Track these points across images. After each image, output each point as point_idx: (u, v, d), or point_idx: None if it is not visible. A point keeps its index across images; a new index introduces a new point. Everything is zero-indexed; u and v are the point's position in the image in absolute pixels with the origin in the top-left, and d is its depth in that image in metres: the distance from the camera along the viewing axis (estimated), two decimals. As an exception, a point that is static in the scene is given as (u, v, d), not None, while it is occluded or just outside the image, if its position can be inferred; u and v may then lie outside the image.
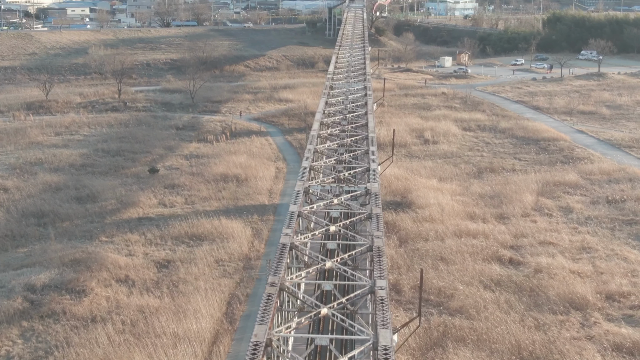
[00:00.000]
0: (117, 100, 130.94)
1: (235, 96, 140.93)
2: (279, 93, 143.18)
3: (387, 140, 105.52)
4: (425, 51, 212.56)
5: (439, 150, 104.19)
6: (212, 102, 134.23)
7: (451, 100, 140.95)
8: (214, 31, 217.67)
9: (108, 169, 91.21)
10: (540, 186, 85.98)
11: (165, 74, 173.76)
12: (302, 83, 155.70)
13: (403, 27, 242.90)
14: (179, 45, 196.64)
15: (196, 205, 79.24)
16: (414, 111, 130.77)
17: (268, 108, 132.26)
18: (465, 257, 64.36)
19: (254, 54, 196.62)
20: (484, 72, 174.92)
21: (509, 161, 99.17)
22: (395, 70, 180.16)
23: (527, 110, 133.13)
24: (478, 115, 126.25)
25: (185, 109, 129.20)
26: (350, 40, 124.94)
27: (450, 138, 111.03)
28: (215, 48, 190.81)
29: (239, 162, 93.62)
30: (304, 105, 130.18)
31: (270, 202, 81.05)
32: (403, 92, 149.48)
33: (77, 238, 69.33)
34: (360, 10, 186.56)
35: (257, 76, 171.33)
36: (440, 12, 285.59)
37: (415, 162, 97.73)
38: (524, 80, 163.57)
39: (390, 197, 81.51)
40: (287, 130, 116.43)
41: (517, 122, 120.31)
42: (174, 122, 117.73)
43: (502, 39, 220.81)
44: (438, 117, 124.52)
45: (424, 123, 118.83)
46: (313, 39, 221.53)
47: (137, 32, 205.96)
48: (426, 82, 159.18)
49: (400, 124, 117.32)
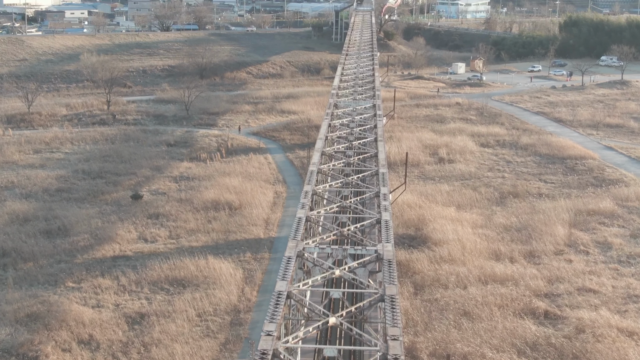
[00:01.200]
0: (105, 113, 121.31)
1: (234, 107, 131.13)
2: (282, 104, 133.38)
3: (399, 159, 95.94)
4: (436, 56, 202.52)
5: (456, 170, 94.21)
6: (209, 114, 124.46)
7: (466, 111, 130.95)
8: (215, 35, 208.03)
9: (86, 195, 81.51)
10: (572, 216, 76.01)
11: (162, 81, 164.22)
12: (306, 92, 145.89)
13: (413, 30, 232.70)
14: (178, 50, 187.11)
15: (181, 239, 69.51)
16: (426, 124, 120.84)
17: (269, 121, 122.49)
18: (493, 310, 54.42)
19: (256, 60, 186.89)
20: (500, 80, 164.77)
21: (534, 184, 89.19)
22: (405, 78, 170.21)
23: (549, 123, 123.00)
24: (496, 129, 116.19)
25: (179, 122, 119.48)
26: (358, 48, 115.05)
27: (467, 156, 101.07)
28: (216, 53, 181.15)
29: (233, 185, 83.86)
30: (307, 118, 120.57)
31: (267, 236, 71.28)
32: (414, 102, 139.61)
33: (40, 283, 59.70)
34: (368, 13, 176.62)
35: (259, 84, 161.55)
36: (451, 15, 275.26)
37: (429, 185, 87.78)
38: (543, 89, 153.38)
39: (403, 230, 71.65)
40: (288, 146, 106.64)
41: (539, 137, 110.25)
42: (165, 138, 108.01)
43: (517, 44, 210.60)
44: (453, 131, 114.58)
45: (437, 138, 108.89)
46: (319, 44, 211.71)
47: (135, 36, 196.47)
48: (439, 91, 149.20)
49: (412, 140, 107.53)
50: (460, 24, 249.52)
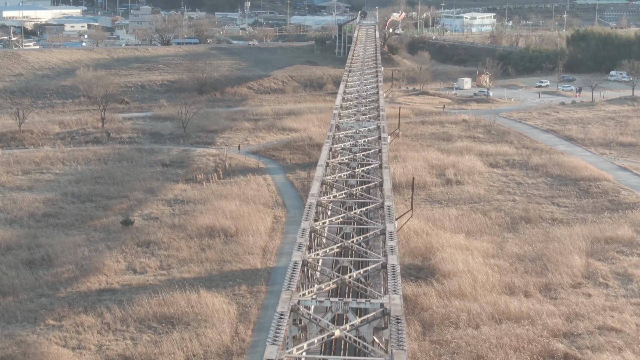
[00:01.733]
0: (99, 131, 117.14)
1: (234, 124, 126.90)
2: (282, 121, 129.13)
3: (404, 181, 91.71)
4: (441, 70, 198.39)
5: (464, 193, 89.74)
6: (207, 131, 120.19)
7: (473, 129, 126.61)
8: (216, 49, 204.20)
9: (74, 220, 77.15)
10: (589, 244, 71.51)
11: (161, 97, 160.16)
12: (308, 109, 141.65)
13: (417, 44, 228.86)
14: (177, 65, 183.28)
15: (172, 270, 65.09)
16: (432, 142, 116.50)
17: (269, 139, 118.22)
18: (509, 354, 49.93)
19: (258, 75, 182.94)
20: (507, 95, 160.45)
21: (547, 208, 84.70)
22: (410, 93, 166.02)
23: (560, 142, 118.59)
24: (505, 148, 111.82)
25: (176, 140, 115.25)
26: (361, 64, 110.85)
27: (476, 177, 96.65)
28: (217, 68, 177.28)
29: (229, 209, 79.47)
30: (309, 136, 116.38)
31: (264, 266, 66.85)
32: (419, 119, 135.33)
33: (18, 321, 55.30)
34: (372, 27, 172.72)
35: (259, 100, 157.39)
36: (456, 29, 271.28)
37: (437, 209, 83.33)
38: (552, 105, 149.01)
39: (410, 260, 67.20)
40: (288, 166, 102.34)
41: (550, 157, 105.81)
42: (160, 157, 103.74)
43: (524, 58, 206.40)
44: (460, 150, 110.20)
45: (444, 158, 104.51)
46: (322, 58, 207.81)
47: (134, 50, 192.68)
48: (444, 108, 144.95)
49: (418, 159, 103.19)
50: (466, 38, 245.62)
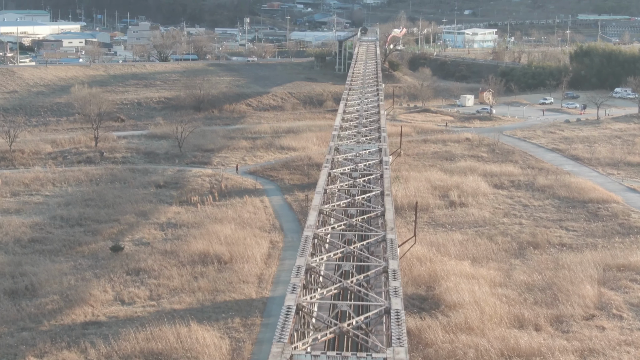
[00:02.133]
0: (92, 150, 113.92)
1: (231, 143, 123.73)
2: (281, 139, 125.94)
3: (406, 203, 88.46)
4: (443, 87, 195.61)
5: (468, 215, 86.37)
6: (203, 151, 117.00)
7: (477, 148, 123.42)
8: (215, 66, 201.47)
9: (61, 246, 73.79)
10: (601, 272, 68.10)
11: (157, 114, 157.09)
12: (307, 127, 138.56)
13: (419, 61, 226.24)
14: (175, 81, 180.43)
15: (162, 300, 61.68)
16: (435, 162, 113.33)
17: (267, 158, 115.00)
18: (520, 396, 46.48)
19: (257, 91, 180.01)
20: (510, 113, 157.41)
21: (555, 232, 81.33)
22: (411, 111, 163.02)
23: (566, 161, 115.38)
24: (510, 168, 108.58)
25: (171, 159, 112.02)
26: (362, 82, 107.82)
27: (480, 199, 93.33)
28: (215, 85, 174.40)
29: (224, 234, 76.12)
30: (308, 155, 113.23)
31: (259, 296, 63.45)
32: (421, 137, 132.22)
33: (-5, 358, 51.90)
34: (372, 44, 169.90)
35: (258, 117, 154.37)
36: (457, 45, 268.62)
37: (440, 233, 79.98)
38: (557, 123, 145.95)
39: (413, 289, 63.83)
40: (287, 187, 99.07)
41: (557, 178, 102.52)
42: (154, 178, 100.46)
43: (527, 74, 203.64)
44: (464, 170, 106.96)
45: (447, 178, 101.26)
46: (322, 74, 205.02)
47: (131, 67, 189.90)
48: (447, 125, 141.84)
49: (420, 180, 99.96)
50: (467, 54, 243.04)
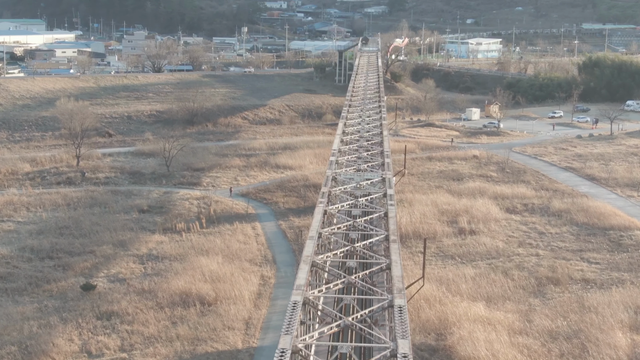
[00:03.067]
0: (74, 170, 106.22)
1: (223, 161, 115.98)
2: (277, 157, 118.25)
3: (411, 230, 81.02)
4: (447, 99, 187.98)
5: (480, 245, 78.60)
6: (193, 170, 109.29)
7: (485, 166, 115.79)
8: (210, 77, 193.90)
9: (27, 284, 66.06)
10: (632, 315, 60.46)
11: (149, 128, 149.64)
12: (305, 142, 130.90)
13: (421, 71, 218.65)
14: (168, 93, 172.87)
15: (135, 352, 53.90)
16: (441, 182, 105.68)
17: (261, 178, 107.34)
18: None
19: (253, 104, 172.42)
20: (519, 128, 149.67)
21: (576, 265, 73.59)
22: (414, 125, 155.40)
23: (581, 182, 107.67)
24: (522, 190, 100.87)
25: (158, 180, 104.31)
26: (363, 97, 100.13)
27: (492, 225, 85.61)
28: (209, 97, 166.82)
29: (209, 269, 68.42)
30: (305, 176, 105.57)
31: (246, 345, 55.73)
32: (426, 154, 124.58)
33: None
34: (374, 54, 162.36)
35: (253, 132, 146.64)
36: (461, 55, 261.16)
37: (450, 267, 72.25)
38: (568, 139, 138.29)
39: (421, 337, 56.12)
40: (281, 212, 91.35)
41: (573, 201, 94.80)
42: (138, 202, 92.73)
43: (534, 86, 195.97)
44: (472, 191, 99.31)
45: (455, 201, 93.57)
46: (321, 86, 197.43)
47: (122, 78, 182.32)
48: (453, 141, 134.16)
49: (426, 203, 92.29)
50: (472, 65, 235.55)
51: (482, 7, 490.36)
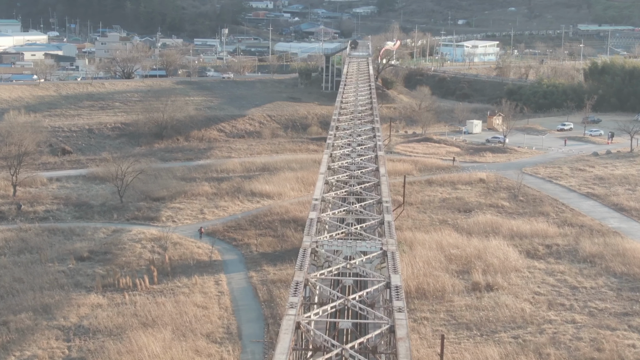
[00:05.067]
0: (9, 201, 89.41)
1: (190, 187, 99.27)
2: (253, 182, 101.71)
3: (413, 286, 65.27)
4: (444, 108, 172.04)
5: (501, 308, 62.36)
6: (152, 199, 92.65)
7: (494, 192, 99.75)
8: (184, 83, 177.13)
9: None
10: None
11: (111, 144, 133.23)
12: (286, 162, 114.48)
13: (415, 77, 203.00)
14: (137, 102, 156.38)
15: None
16: (445, 215, 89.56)
17: (233, 210, 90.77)
18: None
19: (231, 114, 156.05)
20: (527, 143, 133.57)
21: (626, 337, 57.57)
22: (410, 139, 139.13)
23: (608, 213, 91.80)
24: (542, 225, 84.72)
25: (108, 213, 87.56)
26: (352, 116, 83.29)
27: (512, 277, 69.47)
28: (182, 107, 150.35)
29: (152, 351, 51.97)
30: (284, 208, 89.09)
31: None
32: (425, 176, 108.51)
33: None
34: (364, 60, 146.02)
35: (228, 149, 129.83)
36: (457, 59, 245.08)
37: (466, 342, 56.01)
38: (584, 157, 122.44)
39: None
40: (253, 258, 74.82)
41: (605, 242, 78.78)
42: (78, 245, 75.95)
43: (537, 94, 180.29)
44: (484, 228, 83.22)
45: (465, 243, 77.40)
46: (307, 93, 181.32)
47: (87, 85, 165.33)
48: (454, 160, 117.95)
49: (430, 245, 76.17)
50: (469, 70, 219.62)
51: (474, 7, 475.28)
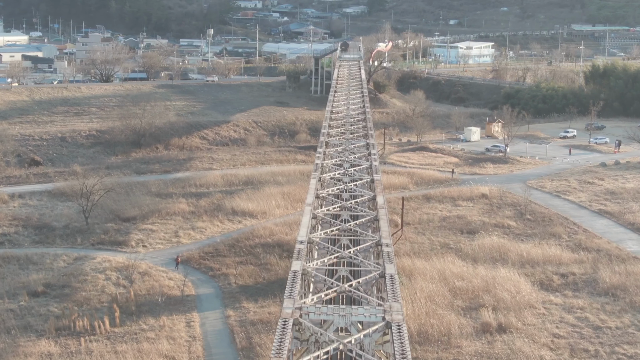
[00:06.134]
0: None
1: (165, 205, 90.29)
2: (234, 198, 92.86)
3: (415, 328, 56.60)
4: (439, 113, 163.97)
5: (517, 356, 53.75)
6: (122, 220, 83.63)
7: (499, 210, 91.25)
8: (166, 87, 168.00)
9: None
10: None
11: (85, 153, 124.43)
12: (272, 175, 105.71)
13: (408, 80, 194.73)
14: (114, 108, 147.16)
15: None
16: (446, 237, 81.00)
17: (211, 231, 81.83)
18: None
19: (215, 120, 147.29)
20: (529, 152, 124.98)
21: (665, 395, 49.15)
22: (404, 148, 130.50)
23: (625, 234, 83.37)
24: (554, 250, 76.20)
25: (72, 237, 78.48)
26: (343, 127, 74.60)
27: (527, 316, 60.85)
28: (163, 112, 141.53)
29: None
30: (269, 230, 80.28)
31: None
32: (422, 191, 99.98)
33: None
34: (356, 64, 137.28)
35: (210, 159, 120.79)
36: (451, 60, 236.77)
37: (478, 404, 47.39)
38: (591, 168, 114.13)
39: None
40: (231, 292, 65.91)
41: (627, 270, 70.32)
42: (34, 277, 66.92)
43: (536, 98, 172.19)
44: (490, 253, 74.70)
45: (470, 272, 68.80)
46: (295, 97, 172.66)
47: (62, 90, 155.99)
48: (453, 173, 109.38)
49: (432, 276, 67.61)
50: (464, 72, 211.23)
51: (465, 7, 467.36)
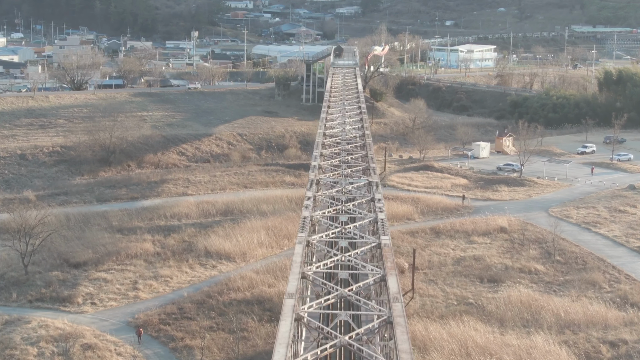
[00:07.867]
0: None
1: (126, 244, 75.78)
2: (209, 234, 78.49)
3: None
4: (441, 124, 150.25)
5: None
6: (70, 266, 69.12)
7: (522, 248, 77.20)
8: (143, 96, 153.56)
9: None
10: None
11: (47, 173, 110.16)
12: (256, 203, 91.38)
13: (406, 86, 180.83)
14: (84, 119, 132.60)
15: None
16: (463, 286, 66.93)
17: (177, 281, 67.44)
18: None
19: (195, 134, 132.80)
20: (547, 172, 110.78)
21: None
22: (406, 167, 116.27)
23: (676, 281, 69.51)
24: (596, 308, 62.08)
25: (6, 291, 63.84)
26: (337, 157, 60.42)
27: (576, 409, 46.89)
28: (137, 124, 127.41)
29: None
30: (249, 279, 65.89)
31: None
32: (429, 222, 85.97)
33: None
34: (351, 71, 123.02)
35: (185, 182, 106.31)
36: (451, 64, 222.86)
37: None
38: (619, 192, 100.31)
39: None
40: (196, 374, 51.82)
41: (692, 336, 56.51)
42: (-58, 354, 52.79)
43: (545, 106, 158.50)
44: (519, 311, 60.63)
45: (498, 342, 54.68)
46: (284, 106, 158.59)
47: (28, 99, 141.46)
48: (464, 199, 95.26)
49: (451, 348, 53.51)
50: (465, 77, 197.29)
51: (461, 7, 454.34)
